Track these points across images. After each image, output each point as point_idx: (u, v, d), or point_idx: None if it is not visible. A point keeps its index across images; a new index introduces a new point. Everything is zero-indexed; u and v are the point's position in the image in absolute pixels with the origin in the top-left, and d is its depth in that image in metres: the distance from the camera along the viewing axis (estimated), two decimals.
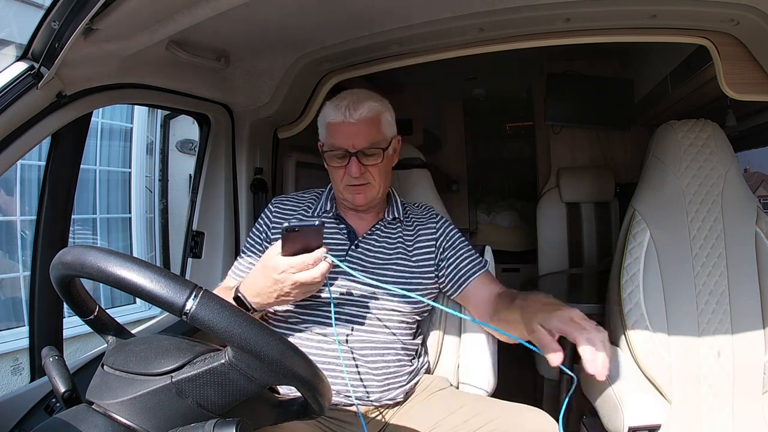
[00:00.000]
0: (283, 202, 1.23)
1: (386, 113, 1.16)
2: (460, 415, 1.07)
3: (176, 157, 3.44)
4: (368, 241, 1.17)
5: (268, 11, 1.07)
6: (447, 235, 1.22)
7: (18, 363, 2.61)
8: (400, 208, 1.23)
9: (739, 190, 1.37)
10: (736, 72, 1.28)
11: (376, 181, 1.14)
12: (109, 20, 0.85)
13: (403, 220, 1.22)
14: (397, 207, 1.23)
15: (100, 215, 3.24)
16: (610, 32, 1.31)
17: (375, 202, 1.18)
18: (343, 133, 1.11)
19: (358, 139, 1.10)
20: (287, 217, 1.20)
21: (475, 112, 3.91)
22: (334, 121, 1.12)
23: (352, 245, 1.16)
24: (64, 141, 1.04)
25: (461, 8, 1.17)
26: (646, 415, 1.11)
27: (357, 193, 1.14)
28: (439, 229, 1.23)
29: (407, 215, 1.24)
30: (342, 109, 1.10)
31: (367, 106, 1.11)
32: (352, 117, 1.10)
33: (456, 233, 1.24)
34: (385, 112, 1.15)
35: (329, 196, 1.23)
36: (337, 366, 1.06)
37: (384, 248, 1.17)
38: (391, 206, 1.23)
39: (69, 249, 0.59)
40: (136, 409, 0.58)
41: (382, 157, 1.13)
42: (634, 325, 1.31)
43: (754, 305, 1.29)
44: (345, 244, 1.16)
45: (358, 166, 1.10)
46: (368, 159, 1.12)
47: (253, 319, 0.56)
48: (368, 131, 1.11)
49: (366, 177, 1.12)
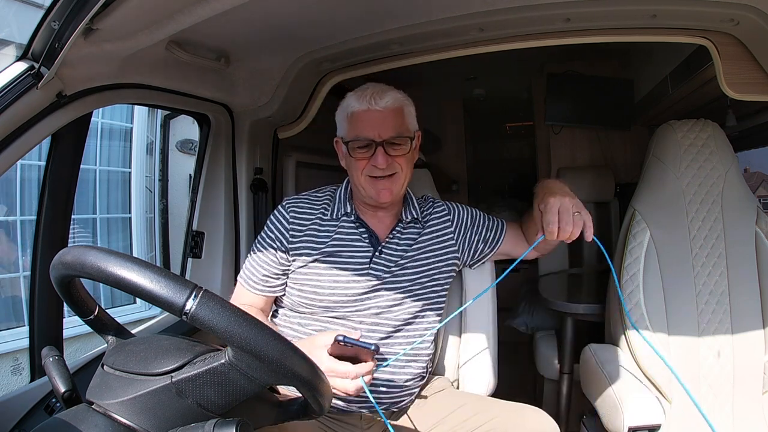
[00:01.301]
0: (298, 205, 1.16)
1: (410, 106, 1.14)
2: (460, 414, 1.07)
3: (176, 157, 3.44)
4: (390, 245, 1.14)
5: (268, 11, 1.07)
6: (461, 220, 1.22)
7: (18, 363, 2.61)
8: (417, 207, 1.20)
9: (739, 190, 1.37)
10: (736, 72, 1.28)
11: (404, 172, 1.10)
12: (109, 20, 0.85)
13: (420, 220, 1.20)
14: (414, 206, 1.20)
15: (100, 215, 3.24)
16: (610, 32, 1.31)
17: (398, 197, 1.14)
18: (368, 121, 1.07)
19: (384, 128, 1.07)
20: (306, 222, 1.13)
21: (475, 112, 3.90)
22: (358, 110, 1.08)
23: (375, 251, 1.12)
24: (64, 141, 1.04)
25: (461, 8, 1.17)
26: (645, 415, 1.11)
27: (383, 188, 1.09)
28: (453, 219, 1.22)
29: (423, 213, 1.21)
30: (366, 97, 1.08)
31: (392, 96, 1.09)
32: (378, 105, 1.07)
33: (466, 211, 1.24)
34: (408, 105, 1.14)
35: (347, 195, 1.17)
36: None
37: (405, 250, 1.14)
38: (408, 205, 1.19)
39: (69, 249, 0.59)
40: (136, 409, 0.58)
41: (409, 147, 1.10)
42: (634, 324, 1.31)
43: (754, 305, 1.29)
44: (368, 251, 1.12)
45: (385, 156, 1.06)
46: (395, 149, 1.08)
47: (254, 319, 0.56)
48: (394, 120, 1.09)
49: (393, 167, 1.08)
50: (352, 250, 1.12)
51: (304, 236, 1.12)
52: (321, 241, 1.12)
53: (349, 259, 1.11)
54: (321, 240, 1.12)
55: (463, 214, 1.24)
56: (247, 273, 1.16)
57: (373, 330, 1.08)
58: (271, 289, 1.15)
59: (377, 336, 1.08)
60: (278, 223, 1.14)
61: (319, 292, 1.09)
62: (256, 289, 1.15)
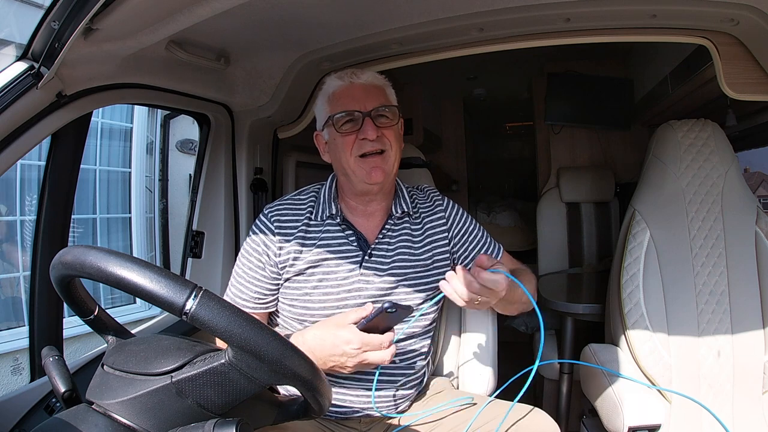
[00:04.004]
0: (281, 213, 1.08)
1: (390, 89, 1.11)
2: (460, 414, 1.07)
3: (176, 157, 3.44)
4: (380, 246, 1.09)
5: (268, 11, 1.07)
6: (458, 224, 1.16)
7: (18, 363, 2.61)
8: (407, 199, 1.14)
9: (739, 190, 1.37)
10: (736, 72, 1.28)
11: (393, 150, 1.04)
12: (109, 20, 0.85)
13: (412, 214, 1.14)
14: (405, 199, 1.14)
15: (100, 215, 3.24)
16: (610, 32, 1.31)
17: (390, 180, 1.08)
18: (351, 95, 1.03)
19: (369, 99, 1.03)
20: (292, 231, 1.06)
21: (476, 111, 3.91)
22: (339, 86, 1.05)
23: (365, 255, 1.07)
24: (64, 141, 1.04)
25: (461, 8, 1.17)
26: (645, 415, 1.11)
27: (373, 166, 1.02)
28: (449, 217, 1.16)
29: (415, 206, 1.15)
30: (347, 74, 1.06)
31: (372, 74, 1.07)
32: (359, 79, 1.05)
33: (466, 219, 1.18)
34: (389, 87, 1.11)
35: (331, 195, 1.11)
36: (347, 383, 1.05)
37: (397, 250, 1.10)
38: (398, 199, 1.13)
39: (69, 249, 0.59)
40: (136, 409, 0.58)
41: (397, 118, 1.06)
42: (634, 325, 1.31)
43: (754, 305, 1.29)
44: (358, 256, 1.06)
45: (373, 127, 1.01)
46: (383, 120, 1.03)
47: (254, 318, 0.56)
48: (378, 93, 1.06)
49: (383, 141, 1.02)
50: (340, 257, 1.05)
51: (291, 246, 1.05)
52: (307, 249, 1.05)
53: (336, 268, 1.05)
54: (307, 247, 1.05)
55: (459, 219, 1.17)
56: (235, 291, 1.08)
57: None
58: (264, 306, 1.09)
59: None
60: (262, 234, 1.06)
61: (310, 306, 1.05)
62: (247, 308, 1.08)
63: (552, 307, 1.81)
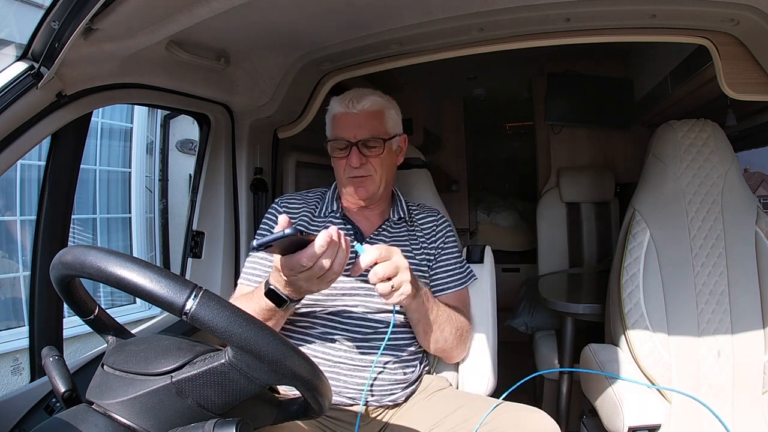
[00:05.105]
0: (290, 201, 1.22)
1: (391, 110, 1.18)
2: (459, 414, 1.07)
3: (176, 157, 3.44)
4: (375, 241, 1.16)
5: (268, 11, 1.07)
6: (444, 245, 1.23)
7: (18, 363, 2.61)
8: (405, 208, 1.24)
9: (739, 190, 1.37)
10: (736, 72, 1.28)
11: (378, 174, 1.15)
12: (109, 20, 0.85)
13: (408, 221, 1.23)
14: (402, 207, 1.24)
15: (100, 215, 3.24)
16: (610, 32, 1.31)
17: (377, 197, 1.18)
18: (345, 124, 1.13)
19: (360, 130, 1.13)
20: (296, 216, 1.19)
21: (476, 111, 3.90)
22: (338, 112, 1.15)
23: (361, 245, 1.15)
24: (64, 141, 1.04)
25: (461, 8, 1.17)
26: (645, 415, 1.11)
27: (359, 186, 1.14)
28: (439, 237, 1.24)
29: (412, 216, 1.25)
30: (346, 101, 1.14)
31: (370, 100, 1.14)
32: (354, 108, 1.13)
33: (453, 245, 1.25)
34: (389, 108, 1.18)
35: (335, 195, 1.22)
36: (340, 368, 1.07)
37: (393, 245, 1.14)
38: (395, 206, 1.23)
39: (69, 249, 0.59)
40: (136, 409, 0.58)
41: (382, 149, 1.14)
42: (634, 325, 1.31)
43: (754, 305, 1.29)
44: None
45: (359, 156, 1.12)
46: (369, 150, 1.13)
47: (254, 318, 0.56)
48: (371, 123, 1.13)
49: (367, 168, 1.14)
50: None
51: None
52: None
53: None
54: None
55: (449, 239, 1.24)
56: (249, 270, 1.16)
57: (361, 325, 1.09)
58: None
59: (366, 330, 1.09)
60: (273, 216, 1.19)
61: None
62: (252, 284, 1.13)
63: (552, 307, 1.81)
